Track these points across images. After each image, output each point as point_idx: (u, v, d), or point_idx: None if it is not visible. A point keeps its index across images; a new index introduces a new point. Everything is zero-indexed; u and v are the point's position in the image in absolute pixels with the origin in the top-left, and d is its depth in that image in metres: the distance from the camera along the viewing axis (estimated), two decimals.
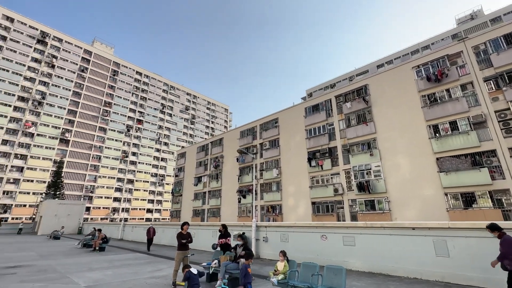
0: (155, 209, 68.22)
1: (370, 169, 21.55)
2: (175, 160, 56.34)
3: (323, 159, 24.92)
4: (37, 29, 56.84)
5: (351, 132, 23.46)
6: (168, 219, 61.01)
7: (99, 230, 17.31)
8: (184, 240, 7.66)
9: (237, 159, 33.49)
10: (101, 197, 59.40)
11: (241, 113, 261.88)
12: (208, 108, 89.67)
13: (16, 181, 49.20)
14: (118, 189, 62.46)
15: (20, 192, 49.17)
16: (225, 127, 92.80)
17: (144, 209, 66.03)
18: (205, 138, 74.95)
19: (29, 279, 8.29)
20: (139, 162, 67.50)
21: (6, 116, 49.64)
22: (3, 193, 47.57)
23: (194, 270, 5.44)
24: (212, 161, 38.95)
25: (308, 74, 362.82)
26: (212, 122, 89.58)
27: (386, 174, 20.66)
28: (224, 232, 9.02)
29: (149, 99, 73.53)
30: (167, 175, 72.26)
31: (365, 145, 22.52)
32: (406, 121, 20.46)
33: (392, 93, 21.82)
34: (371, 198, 20.96)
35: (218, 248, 8.73)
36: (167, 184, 70.75)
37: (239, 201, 31.70)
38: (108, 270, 9.77)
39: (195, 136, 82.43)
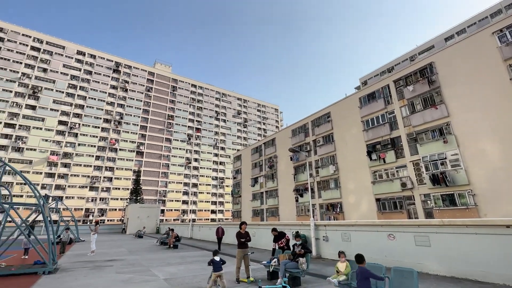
0: (218, 210, 73.05)
1: (445, 158, 18.71)
2: (232, 163, 59.31)
3: (385, 151, 22.76)
4: (112, 61, 67.66)
5: (417, 119, 20.81)
6: (230, 219, 64.50)
7: (172, 230, 19.52)
8: (242, 239, 8.02)
9: (291, 158, 33.26)
10: (172, 201, 66.78)
11: (291, 109, 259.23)
12: (258, 110, 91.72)
13: (108, 189, 59.36)
14: (185, 193, 69.14)
15: (111, 199, 59.11)
16: (277, 127, 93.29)
17: (208, 210, 71.43)
18: (258, 140, 76.73)
19: (122, 271, 9.92)
20: (200, 167, 73.47)
21: (96, 137, 60.51)
22: (100, 200, 57.95)
23: (217, 258, 6.50)
24: (266, 161, 39.62)
25: (361, 62, 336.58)
26: (264, 124, 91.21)
27: (468, 163, 17.62)
28: (279, 233, 9.09)
29: (204, 108, 79.52)
30: (226, 178, 76.64)
31: (436, 131, 19.68)
32: (490, 98, 17.11)
33: (467, 68, 18.55)
34: (449, 192, 18.17)
35: (276, 247, 8.84)
36: (227, 186, 75.01)
37: (297, 200, 31.37)
38: (181, 266, 10.91)
39: (249, 138, 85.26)
